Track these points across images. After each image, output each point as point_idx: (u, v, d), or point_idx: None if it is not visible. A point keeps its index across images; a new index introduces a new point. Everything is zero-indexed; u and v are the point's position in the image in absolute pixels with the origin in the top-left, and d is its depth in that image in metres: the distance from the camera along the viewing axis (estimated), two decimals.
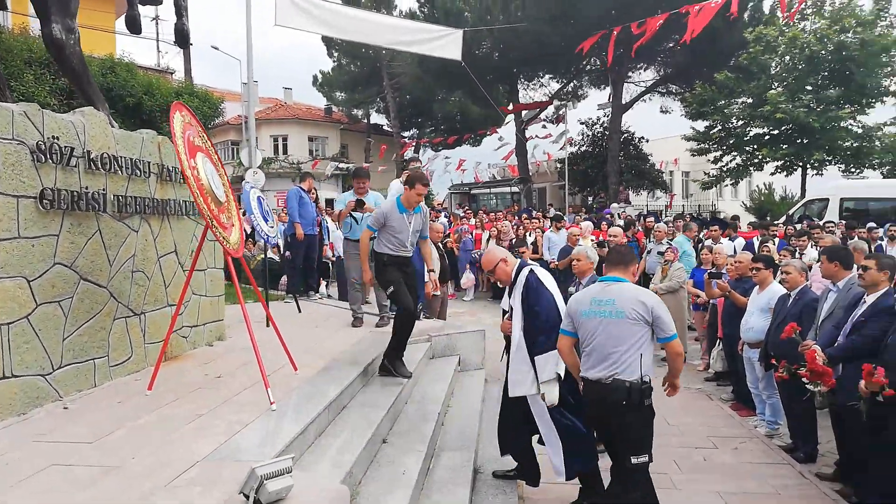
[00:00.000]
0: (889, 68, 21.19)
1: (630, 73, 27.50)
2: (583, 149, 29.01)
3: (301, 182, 9.20)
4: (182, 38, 6.62)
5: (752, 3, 24.27)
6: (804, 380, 4.65)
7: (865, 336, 4.45)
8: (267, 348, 4.68)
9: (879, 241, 10.43)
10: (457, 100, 32.82)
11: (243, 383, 4.43)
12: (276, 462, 2.59)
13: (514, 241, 12.51)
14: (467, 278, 13.42)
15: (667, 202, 27.42)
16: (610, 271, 3.88)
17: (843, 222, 12.63)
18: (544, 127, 29.87)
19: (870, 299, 4.58)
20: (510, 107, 29.55)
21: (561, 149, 27.89)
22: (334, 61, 35.01)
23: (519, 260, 4.47)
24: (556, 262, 10.19)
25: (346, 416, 4.23)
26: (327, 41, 32.97)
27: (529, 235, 12.44)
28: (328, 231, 11.08)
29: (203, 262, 5.81)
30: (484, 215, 17.26)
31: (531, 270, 4.23)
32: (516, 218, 15.67)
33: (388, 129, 36.70)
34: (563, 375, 4.00)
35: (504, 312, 4.78)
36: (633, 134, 28.07)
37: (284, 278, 10.35)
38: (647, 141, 28.12)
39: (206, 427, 3.53)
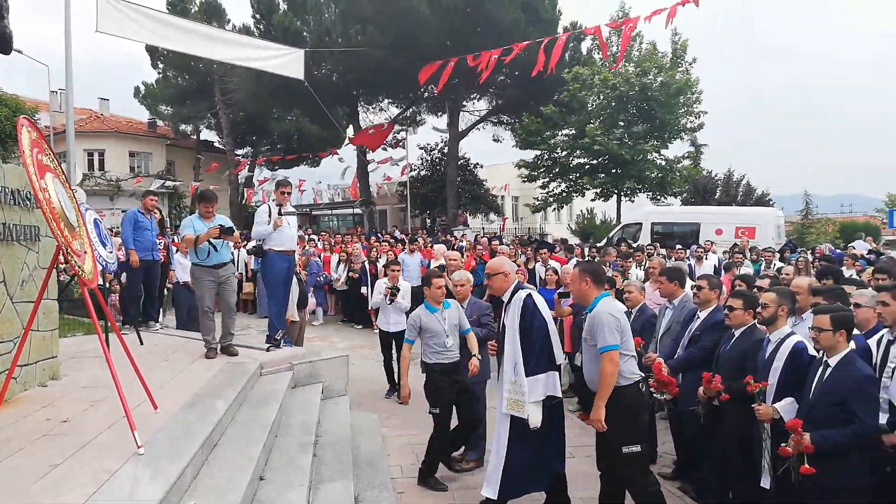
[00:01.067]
0: (685, 109, 24.32)
1: (465, 103, 28.86)
2: (423, 173, 29.80)
3: (143, 200, 8.52)
4: (3, 43, 5.87)
5: (572, 44, 26.67)
6: (651, 389, 5.17)
7: (701, 348, 5.07)
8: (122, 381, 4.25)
9: (687, 260, 11.85)
10: (295, 119, 32.18)
11: (98, 426, 3.98)
12: None
13: (365, 263, 12.51)
14: (310, 302, 13.12)
15: (500, 225, 28.95)
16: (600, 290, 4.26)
17: (657, 244, 14.19)
18: (385, 150, 30.29)
19: (703, 315, 5.22)
20: (350, 131, 29.56)
21: (402, 173, 28.46)
22: (159, 73, 32.76)
23: (517, 281, 4.65)
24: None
25: (220, 454, 3.97)
26: (151, 50, 30.83)
27: (381, 258, 12.50)
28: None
29: (33, 292, 5.16)
30: (329, 237, 17.03)
31: (529, 294, 4.42)
32: (365, 240, 15.66)
33: (221, 147, 34.98)
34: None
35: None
36: (469, 160, 29.40)
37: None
38: (482, 167, 29.59)
39: (67, 477, 3.13)
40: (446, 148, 28.48)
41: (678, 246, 13.75)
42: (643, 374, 4.42)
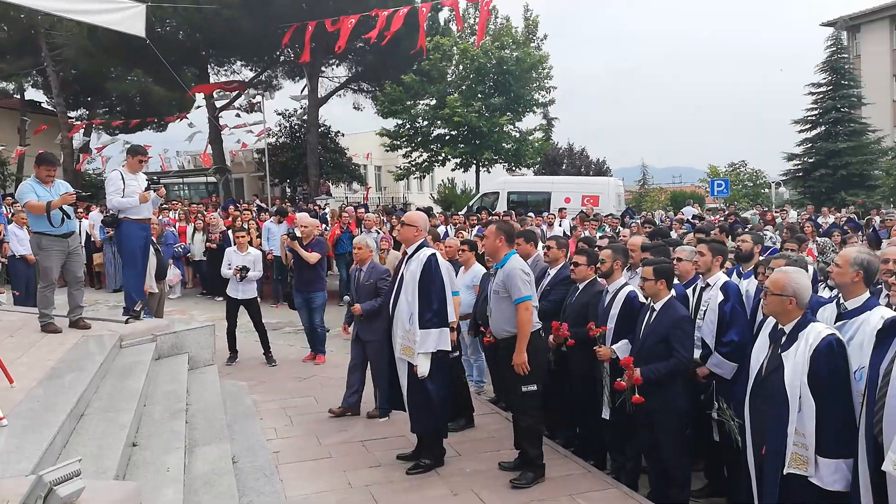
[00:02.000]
0: (537, 83, 25.58)
1: (324, 69, 28.25)
2: (282, 140, 28.90)
3: None
4: None
5: (430, 14, 26.95)
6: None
7: (551, 301, 5.61)
8: None
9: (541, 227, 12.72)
10: (136, 79, 29.75)
11: None
12: (64, 466, 2.39)
13: (229, 233, 12.14)
14: (173, 273, 12.56)
15: (364, 194, 28.94)
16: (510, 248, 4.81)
17: (513, 212, 15.02)
18: (238, 115, 28.96)
19: (552, 272, 5.78)
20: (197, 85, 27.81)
21: (258, 139, 27.41)
22: None
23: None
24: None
25: (88, 424, 3.89)
26: None
27: (245, 227, 12.17)
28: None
29: None
30: (183, 206, 16.22)
31: (434, 254, 4.67)
32: (223, 210, 15.11)
33: (51, 108, 31.59)
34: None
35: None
36: (330, 128, 28.92)
37: None
38: (344, 135, 29.24)
39: None
40: (306, 115, 27.81)
41: (529, 213, 14.71)
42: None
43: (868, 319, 3.37)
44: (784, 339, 3.35)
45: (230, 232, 12.16)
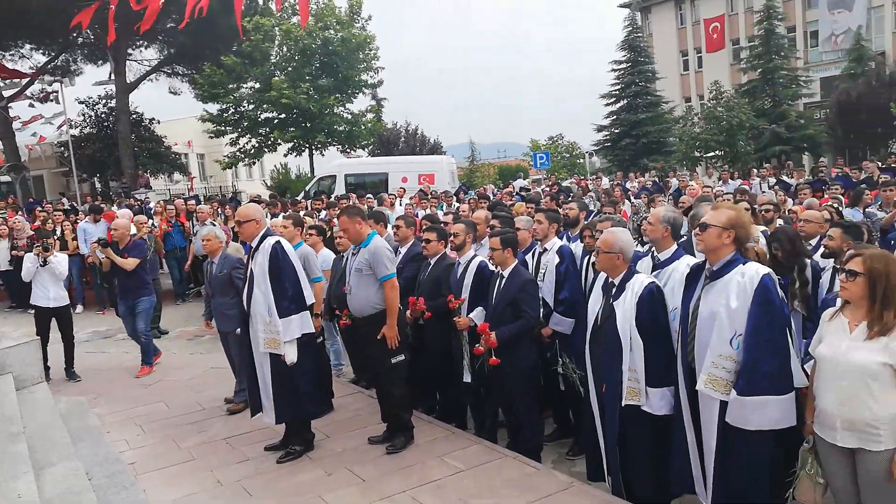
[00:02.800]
0: (365, 64, 25.54)
1: (131, 51, 25.99)
2: (87, 130, 26.19)
3: None
4: None
5: None
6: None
7: (405, 278, 5.79)
8: None
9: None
10: None
11: None
12: None
13: (31, 237, 10.92)
14: None
15: (188, 185, 27.22)
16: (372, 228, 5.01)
17: (352, 194, 15.03)
18: (32, 106, 25.77)
19: (403, 250, 5.97)
20: None
21: (58, 131, 24.66)
22: None
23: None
24: None
25: None
26: None
27: (58, 228, 11.03)
28: None
29: None
30: None
31: (278, 241, 4.54)
32: (24, 212, 13.51)
33: None
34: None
35: None
36: (144, 115, 26.72)
37: None
38: (160, 122, 27.17)
39: None
40: (114, 102, 25.45)
41: (368, 195, 14.84)
42: None
43: (677, 267, 3.95)
44: (615, 290, 3.82)
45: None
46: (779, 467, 3.29)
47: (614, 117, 30.64)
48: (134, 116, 25.98)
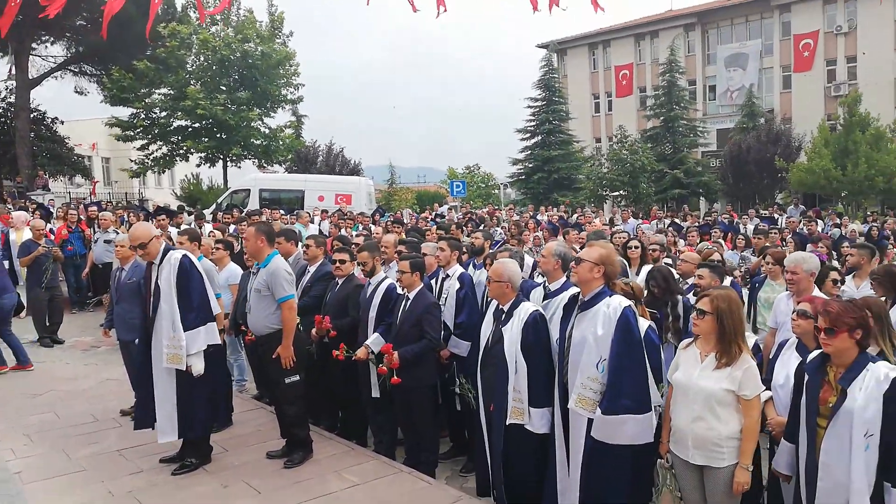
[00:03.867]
0: (285, 80, 25.42)
1: (35, 45, 24.67)
2: None
3: None
4: None
5: None
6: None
7: (312, 297, 5.95)
8: None
9: (297, 224, 12.90)
10: None
11: None
12: None
13: None
14: None
15: (90, 189, 25.96)
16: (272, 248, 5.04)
17: (266, 209, 14.94)
18: None
19: (312, 269, 6.12)
20: None
21: None
22: None
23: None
24: None
25: None
26: None
27: None
28: None
29: None
30: None
31: (185, 254, 4.62)
32: None
33: None
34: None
35: None
36: (46, 113, 25.35)
37: None
38: (63, 122, 25.83)
39: None
40: (13, 97, 24.02)
41: (282, 211, 14.82)
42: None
43: (564, 297, 4.34)
44: (504, 316, 4.17)
45: None
46: (640, 481, 3.69)
47: (529, 152, 31.85)
48: (35, 114, 24.59)
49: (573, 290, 4.39)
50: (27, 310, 8.85)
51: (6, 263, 7.60)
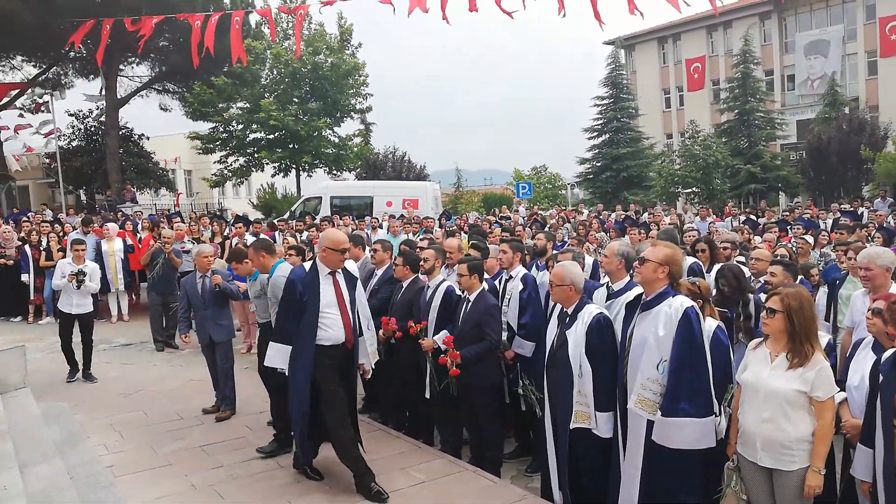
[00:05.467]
0: (354, 90, 26.05)
1: (123, 67, 26.29)
2: (75, 143, 26.36)
3: None
4: None
5: (240, 19, 26.20)
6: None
7: (379, 299, 6.12)
8: None
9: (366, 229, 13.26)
10: None
11: None
12: None
13: (26, 248, 11.13)
14: None
15: (174, 200, 27.40)
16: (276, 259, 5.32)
17: (337, 216, 15.37)
18: (21, 116, 25.91)
19: (379, 272, 6.30)
20: None
21: (47, 142, 24.82)
22: None
23: None
24: None
25: None
26: None
27: (44, 239, 11.23)
28: None
29: None
30: None
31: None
32: (12, 223, 13.66)
33: None
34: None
35: None
36: (133, 130, 26.96)
37: None
38: (149, 138, 27.41)
39: None
40: (103, 116, 25.68)
41: (351, 217, 15.22)
42: None
43: (628, 297, 4.31)
44: (567, 319, 4.17)
45: (27, 247, 11.16)
46: (702, 484, 3.62)
47: (596, 150, 31.36)
48: (123, 131, 26.21)
49: (637, 289, 4.35)
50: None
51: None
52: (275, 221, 14.91)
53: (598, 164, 30.79)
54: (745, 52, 29.13)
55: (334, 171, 26.48)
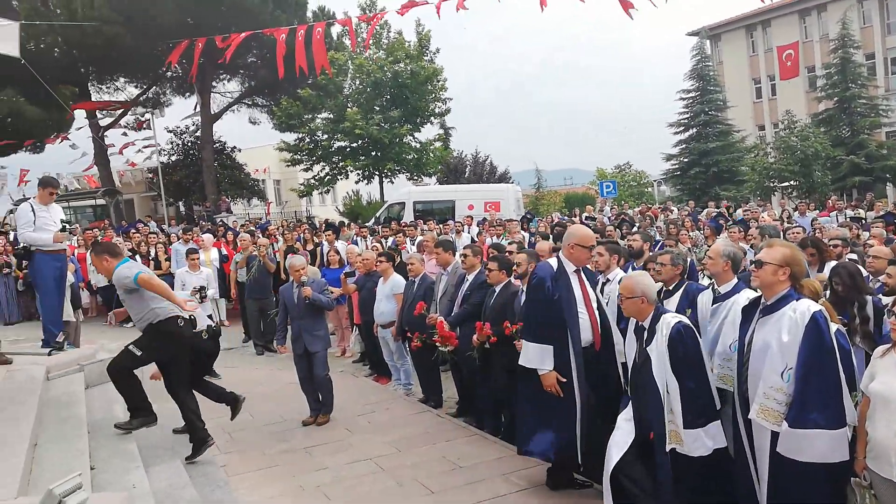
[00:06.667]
0: (433, 95, 26.33)
1: (215, 84, 27.69)
2: (174, 158, 28.02)
3: None
4: None
5: (322, 30, 27.05)
6: (437, 344, 6.15)
7: (472, 304, 6.15)
8: None
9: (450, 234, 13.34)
10: (7, 99, 27.87)
11: None
12: (69, 480, 2.62)
13: (137, 258, 11.87)
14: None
15: (265, 209, 28.58)
16: None
17: (420, 220, 15.58)
18: (125, 134, 27.80)
19: (470, 277, 6.32)
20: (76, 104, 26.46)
21: (148, 157, 26.49)
22: None
23: None
24: None
25: (45, 453, 3.99)
26: None
27: (152, 250, 11.98)
28: None
29: None
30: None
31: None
32: (123, 234, 14.64)
33: None
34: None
35: None
36: (226, 143, 28.36)
37: None
38: (240, 150, 28.75)
39: None
40: (199, 131, 27.15)
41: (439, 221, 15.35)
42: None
43: (737, 300, 4.11)
44: (646, 333, 3.95)
45: (137, 257, 11.91)
46: (832, 500, 3.38)
47: (683, 146, 30.31)
48: (217, 145, 27.59)
49: (746, 292, 4.15)
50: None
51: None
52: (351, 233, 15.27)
53: (686, 160, 29.75)
54: (843, 36, 27.41)
55: (416, 176, 26.87)
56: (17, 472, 3.29)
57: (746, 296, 4.02)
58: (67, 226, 7.12)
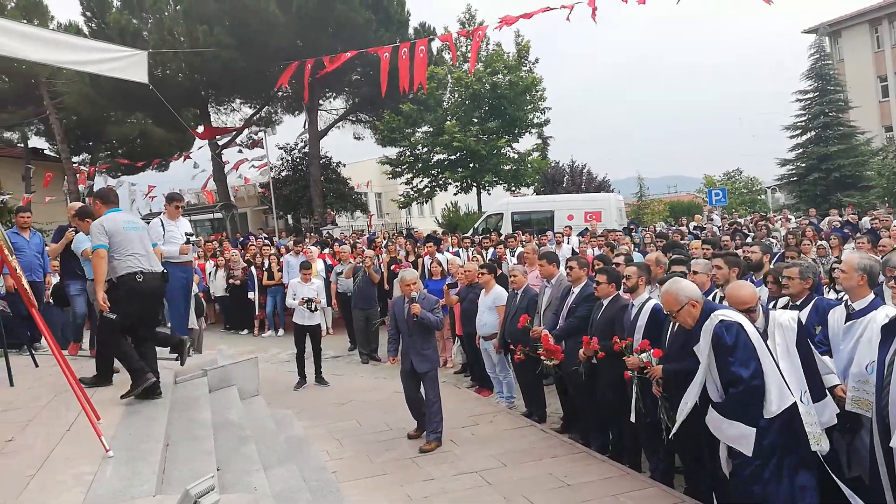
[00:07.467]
0: (531, 105, 26.22)
1: (322, 102, 28.96)
2: (283, 173, 29.53)
3: (16, 218, 8.13)
4: None
5: (425, 48, 27.67)
6: (542, 357, 6.07)
7: (578, 317, 6.02)
8: (43, 401, 4.61)
9: (549, 244, 13.17)
10: (136, 122, 30.44)
11: (46, 442, 4.11)
12: (203, 481, 2.79)
13: (252, 269, 12.58)
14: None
15: (367, 221, 29.47)
16: None
17: (519, 231, 15.49)
18: (240, 152, 29.64)
19: (576, 290, 6.20)
20: (200, 129, 28.56)
21: (260, 173, 28.05)
22: None
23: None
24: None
25: (177, 453, 4.27)
26: None
27: (265, 261, 12.63)
28: None
29: None
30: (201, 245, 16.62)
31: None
32: (240, 246, 15.54)
33: (53, 154, 32.16)
34: None
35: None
36: (332, 158, 29.58)
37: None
38: (345, 165, 29.88)
39: (49, 484, 3.35)
40: (307, 148, 28.45)
41: (538, 233, 15.20)
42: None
43: (874, 317, 3.80)
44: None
45: (253, 268, 12.59)
46: None
47: (800, 150, 28.47)
48: (323, 160, 28.83)
49: (885, 308, 3.84)
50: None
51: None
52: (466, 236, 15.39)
53: (804, 165, 27.89)
54: None
55: (513, 187, 26.81)
56: (154, 470, 3.53)
57: (885, 313, 3.72)
58: (192, 238, 7.64)
